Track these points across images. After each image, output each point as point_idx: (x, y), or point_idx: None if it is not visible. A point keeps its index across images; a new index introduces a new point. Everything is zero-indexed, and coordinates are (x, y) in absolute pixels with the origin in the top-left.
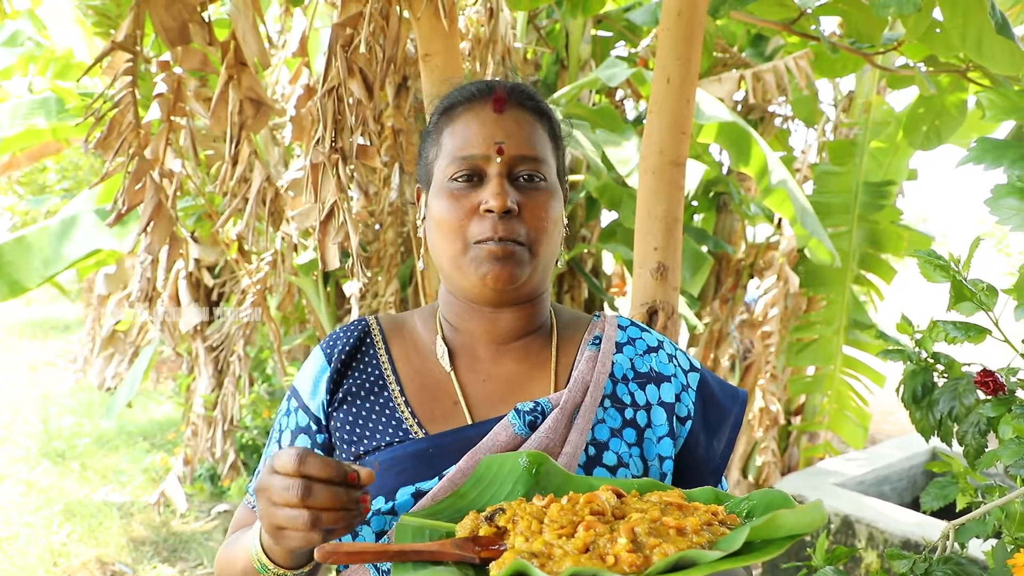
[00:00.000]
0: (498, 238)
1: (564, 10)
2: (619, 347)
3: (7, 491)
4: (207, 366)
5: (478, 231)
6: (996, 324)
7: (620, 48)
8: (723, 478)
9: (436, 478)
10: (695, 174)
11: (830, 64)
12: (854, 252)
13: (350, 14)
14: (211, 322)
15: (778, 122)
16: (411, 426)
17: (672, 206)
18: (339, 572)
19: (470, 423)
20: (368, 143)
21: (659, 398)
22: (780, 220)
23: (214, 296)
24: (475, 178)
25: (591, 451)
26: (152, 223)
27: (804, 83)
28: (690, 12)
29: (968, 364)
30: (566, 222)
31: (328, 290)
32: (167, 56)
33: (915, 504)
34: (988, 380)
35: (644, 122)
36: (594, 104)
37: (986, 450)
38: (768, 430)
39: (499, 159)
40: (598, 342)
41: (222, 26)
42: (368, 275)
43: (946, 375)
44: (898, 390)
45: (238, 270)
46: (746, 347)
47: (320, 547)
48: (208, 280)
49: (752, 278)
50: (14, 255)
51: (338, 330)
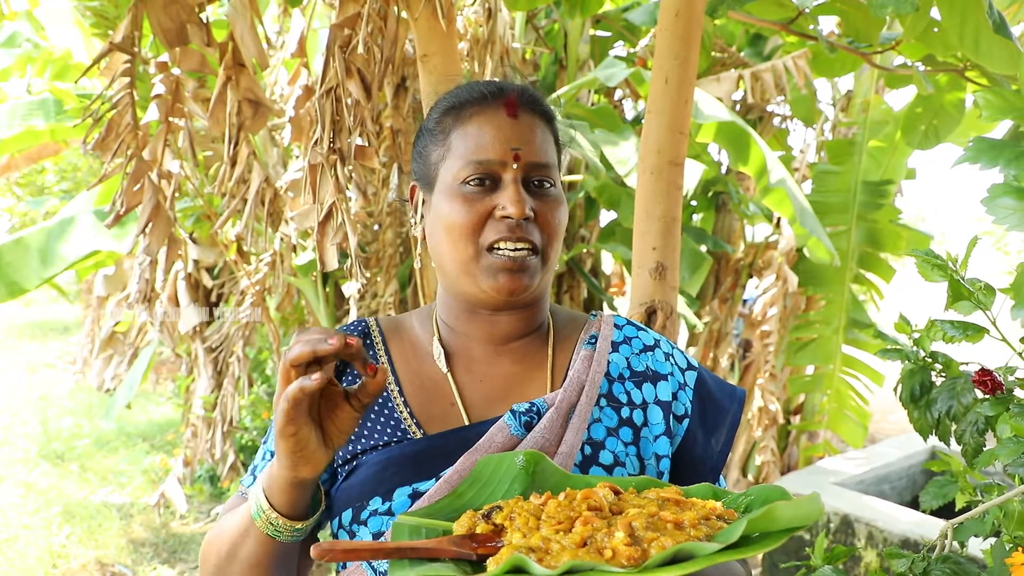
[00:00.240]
0: (516, 238)
1: (562, 10)
2: (615, 346)
3: (6, 493)
4: (206, 367)
5: (493, 235)
6: (994, 323)
7: (619, 48)
8: (721, 477)
9: (433, 479)
10: (694, 174)
11: (828, 63)
12: (853, 251)
13: (348, 15)
14: (210, 323)
15: (776, 121)
16: (409, 426)
17: (670, 206)
18: (337, 573)
19: (467, 424)
20: (366, 144)
21: (656, 397)
22: (779, 219)
23: (213, 297)
24: (487, 182)
25: (587, 450)
26: (151, 224)
27: (802, 82)
28: (688, 12)
29: (966, 363)
30: None
31: (327, 291)
32: (165, 57)
33: (915, 503)
34: (986, 379)
35: (643, 122)
36: (593, 104)
37: (984, 449)
38: (767, 429)
39: (515, 165)
40: (594, 341)
41: (220, 27)
42: (367, 276)
43: (944, 374)
44: (896, 389)
45: (237, 271)
46: (745, 346)
47: (316, 545)
48: (207, 281)
49: (751, 277)
50: (13, 256)
51: (339, 329)
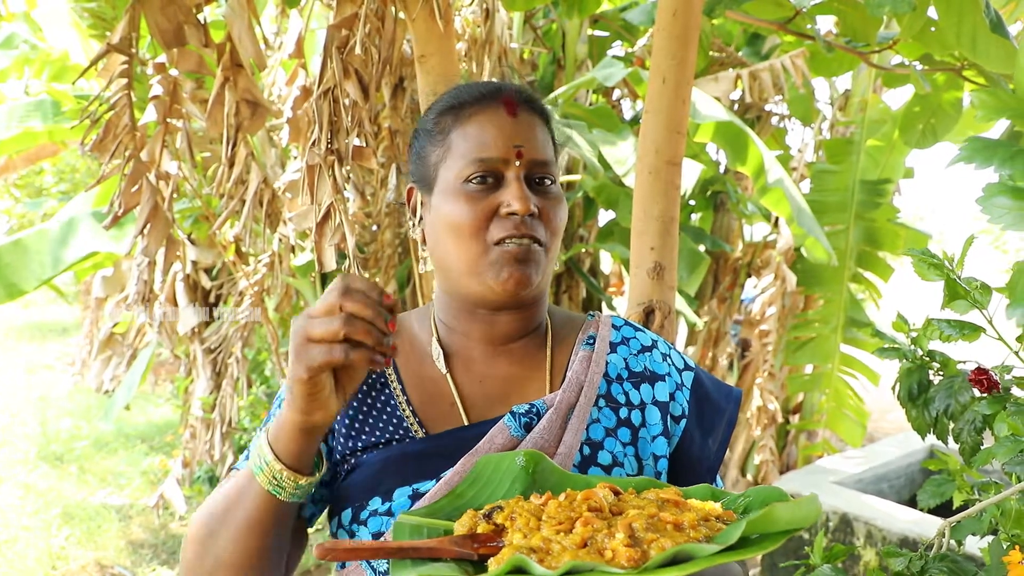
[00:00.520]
0: (522, 234)
1: (560, 10)
2: (613, 347)
3: (5, 494)
4: (205, 368)
5: (499, 232)
6: (990, 322)
7: (617, 48)
8: (718, 476)
9: (433, 480)
10: (692, 173)
11: (826, 63)
12: (851, 250)
13: (345, 15)
14: (209, 324)
15: (774, 121)
16: (412, 424)
17: (668, 206)
18: (336, 572)
19: (467, 424)
20: (364, 144)
21: (653, 397)
22: (777, 219)
23: (212, 298)
24: (490, 180)
25: (586, 451)
26: (149, 225)
27: (800, 82)
28: (685, 12)
29: (964, 362)
30: None
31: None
32: (163, 58)
33: (913, 502)
34: (982, 378)
35: (640, 122)
36: (591, 104)
37: (982, 447)
38: (766, 429)
39: (518, 162)
40: (592, 342)
41: (218, 28)
42: (365, 276)
43: (942, 373)
44: (894, 388)
45: (235, 272)
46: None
47: (319, 545)
48: (206, 282)
49: (750, 277)
50: (11, 258)
51: None
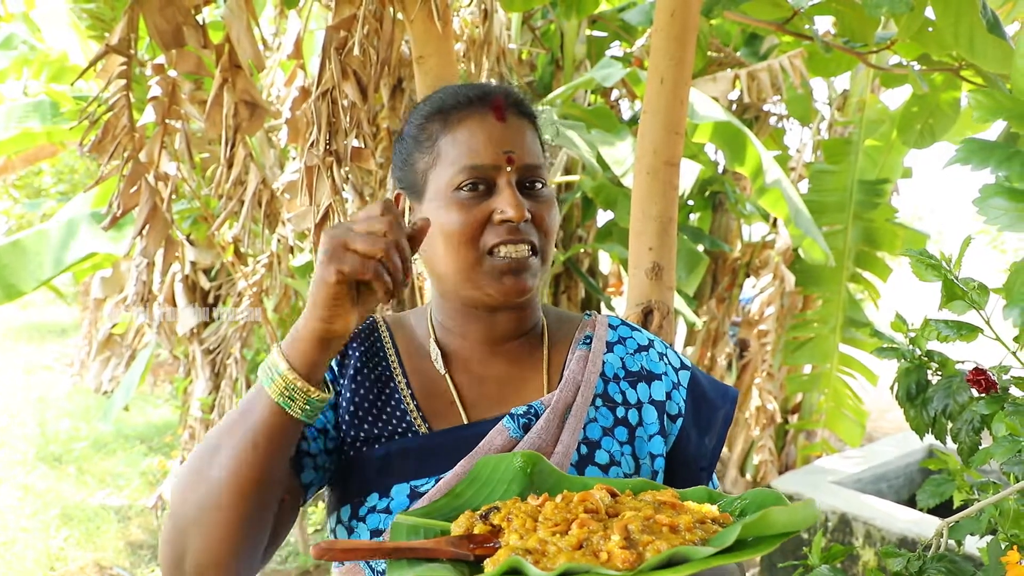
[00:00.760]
0: (516, 240)
1: (559, 11)
2: (610, 346)
3: (4, 495)
4: (204, 369)
5: (493, 239)
6: (987, 322)
7: (615, 48)
8: (715, 475)
9: (432, 478)
10: (690, 174)
11: (824, 63)
12: (849, 250)
13: (344, 17)
14: (208, 325)
15: (773, 121)
16: (415, 419)
17: (667, 206)
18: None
19: (466, 424)
20: (363, 145)
21: (650, 396)
22: (776, 219)
23: (211, 299)
24: (481, 187)
25: (583, 450)
26: (148, 226)
27: (798, 82)
28: (683, 12)
29: (962, 362)
30: None
31: None
32: (161, 59)
33: (912, 501)
34: (980, 378)
35: (639, 122)
36: (589, 104)
37: (980, 447)
38: (765, 429)
39: (509, 168)
40: (589, 341)
41: (216, 29)
42: None
43: (940, 373)
44: (893, 388)
45: (234, 273)
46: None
47: (316, 545)
48: (204, 283)
49: (748, 277)
50: (10, 259)
51: None
